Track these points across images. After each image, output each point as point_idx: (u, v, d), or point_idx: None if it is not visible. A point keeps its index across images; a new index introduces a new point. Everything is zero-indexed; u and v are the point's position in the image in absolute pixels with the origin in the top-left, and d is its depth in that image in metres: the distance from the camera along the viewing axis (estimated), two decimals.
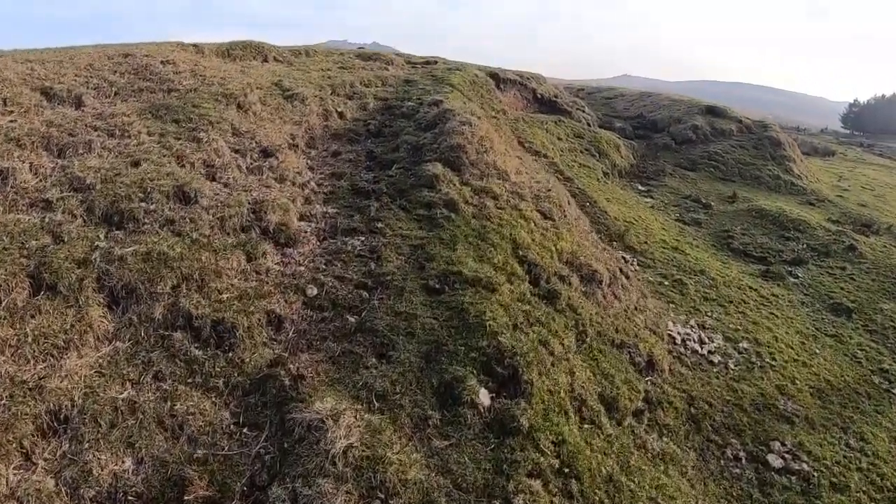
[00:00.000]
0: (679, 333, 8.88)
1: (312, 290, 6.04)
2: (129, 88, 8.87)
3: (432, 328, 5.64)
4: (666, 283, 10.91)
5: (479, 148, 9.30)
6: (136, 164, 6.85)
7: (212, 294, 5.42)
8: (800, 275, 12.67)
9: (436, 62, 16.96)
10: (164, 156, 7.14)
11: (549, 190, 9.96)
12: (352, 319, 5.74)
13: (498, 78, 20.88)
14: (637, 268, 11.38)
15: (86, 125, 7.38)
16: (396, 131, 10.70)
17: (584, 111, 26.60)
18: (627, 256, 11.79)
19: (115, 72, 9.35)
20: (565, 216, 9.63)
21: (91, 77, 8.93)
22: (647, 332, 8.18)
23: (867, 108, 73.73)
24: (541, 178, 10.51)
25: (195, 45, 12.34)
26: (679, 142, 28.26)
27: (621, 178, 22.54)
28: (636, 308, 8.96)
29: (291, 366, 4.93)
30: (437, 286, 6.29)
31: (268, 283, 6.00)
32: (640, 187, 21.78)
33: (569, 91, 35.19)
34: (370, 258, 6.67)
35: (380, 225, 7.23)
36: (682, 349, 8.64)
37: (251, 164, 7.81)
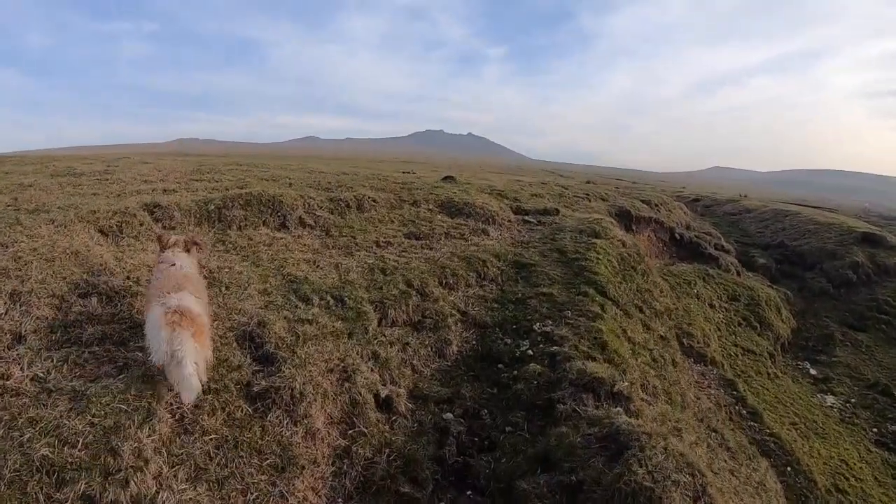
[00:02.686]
0: None
1: None
2: None
3: None
4: None
5: None
6: None
7: None
8: None
9: (556, 211, 10.50)
10: None
11: None
12: None
13: (630, 217, 14.32)
14: None
15: None
16: (514, 493, 4.15)
17: (723, 248, 19.36)
18: None
19: None
20: None
21: None
22: None
23: None
24: None
25: (155, 210, 6.54)
26: (837, 284, 21.09)
27: (785, 353, 16.17)
28: None
29: None
30: None
31: None
32: (811, 371, 14.77)
33: (685, 203, 27.95)
34: None
35: None
36: None
37: None
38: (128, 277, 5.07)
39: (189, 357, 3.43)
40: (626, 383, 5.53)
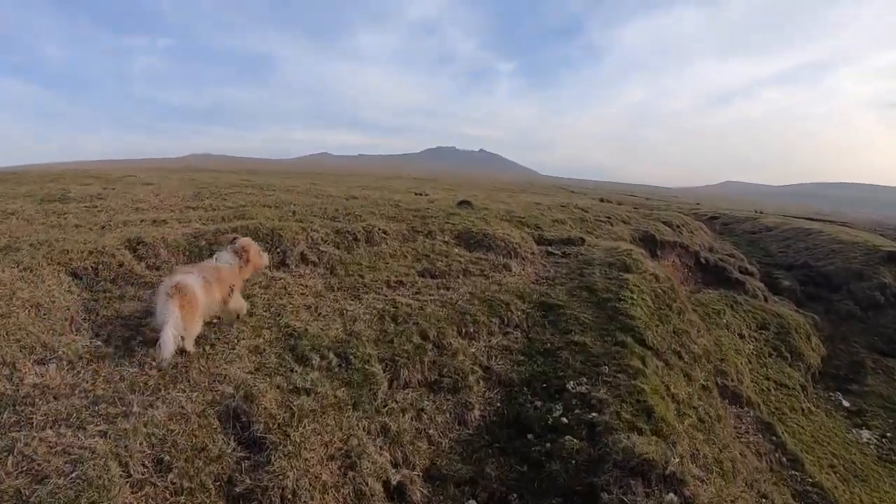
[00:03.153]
0: None
1: None
2: None
3: None
4: None
5: None
6: None
7: None
8: None
9: (582, 240, 9.68)
10: None
11: None
12: None
13: (655, 241, 13.49)
14: None
15: None
16: None
17: (747, 272, 18.43)
18: None
19: None
20: None
21: None
22: None
23: None
24: None
25: (138, 246, 5.81)
26: (864, 306, 20.39)
27: (815, 384, 15.38)
28: None
29: None
30: None
31: None
32: (844, 402, 14.05)
33: (703, 221, 27.02)
34: None
35: None
36: None
37: None
38: (96, 335, 4.32)
39: (170, 322, 3.83)
40: (677, 459, 4.69)
